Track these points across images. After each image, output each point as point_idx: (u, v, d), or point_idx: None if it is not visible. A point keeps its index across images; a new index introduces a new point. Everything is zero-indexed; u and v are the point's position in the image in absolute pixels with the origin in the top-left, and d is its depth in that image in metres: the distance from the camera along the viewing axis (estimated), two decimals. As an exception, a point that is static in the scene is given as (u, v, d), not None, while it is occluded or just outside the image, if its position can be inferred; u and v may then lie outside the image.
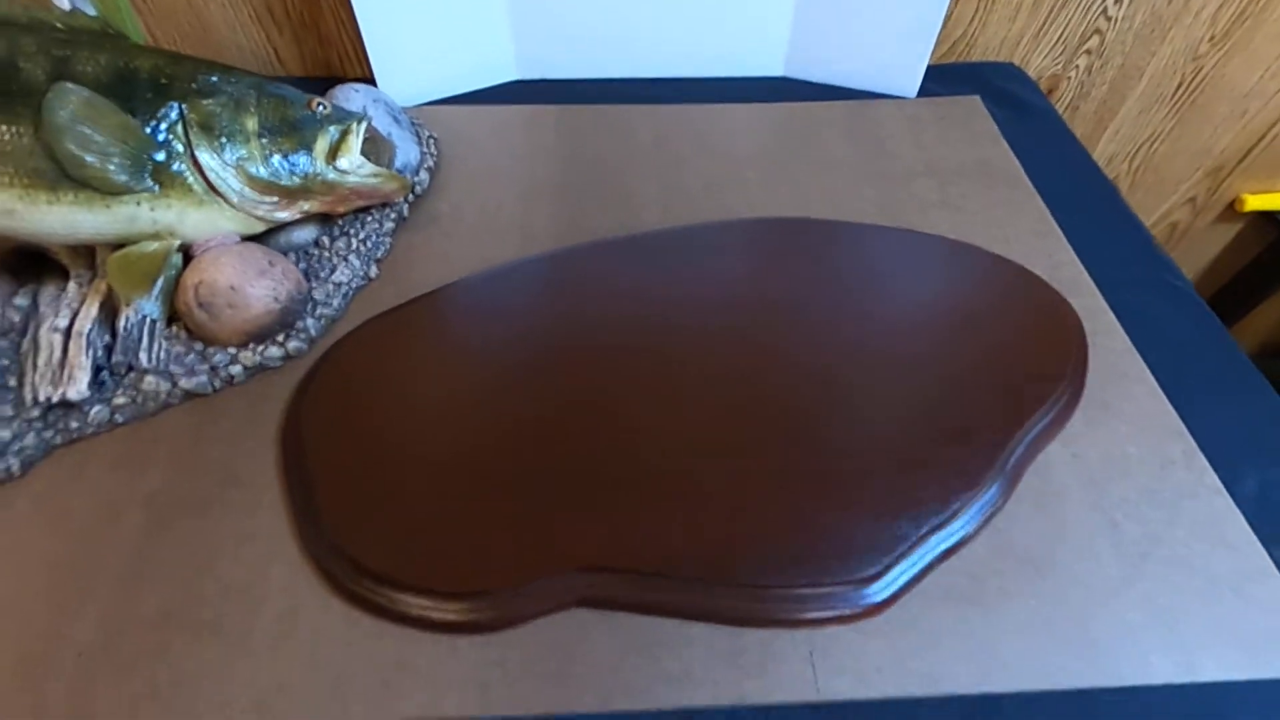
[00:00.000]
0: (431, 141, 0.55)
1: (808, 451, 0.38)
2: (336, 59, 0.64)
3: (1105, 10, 0.63)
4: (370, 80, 0.57)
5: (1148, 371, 0.43)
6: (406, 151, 0.51)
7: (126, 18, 0.44)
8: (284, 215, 0.43)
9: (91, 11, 0.41)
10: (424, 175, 0.52)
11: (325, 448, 0.38)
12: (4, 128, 0.35)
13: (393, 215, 0.50)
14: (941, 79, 0.64)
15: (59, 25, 0.38)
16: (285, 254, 0.45)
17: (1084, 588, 0.34)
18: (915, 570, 0.34)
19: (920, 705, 0.31)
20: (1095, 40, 0.65)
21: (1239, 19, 0.63)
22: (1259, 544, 0.36)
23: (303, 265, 0.45)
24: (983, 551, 0.35)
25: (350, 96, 0.50)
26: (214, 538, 0.35)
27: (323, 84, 0.54)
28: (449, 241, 0.50)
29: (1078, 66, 0.67)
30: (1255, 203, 0.79)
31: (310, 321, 0.43)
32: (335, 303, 0.44)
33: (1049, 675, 0.32)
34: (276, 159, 0.41)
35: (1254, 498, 0.37)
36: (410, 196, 0.51)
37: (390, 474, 0.37)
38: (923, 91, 0.63)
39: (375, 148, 0.47)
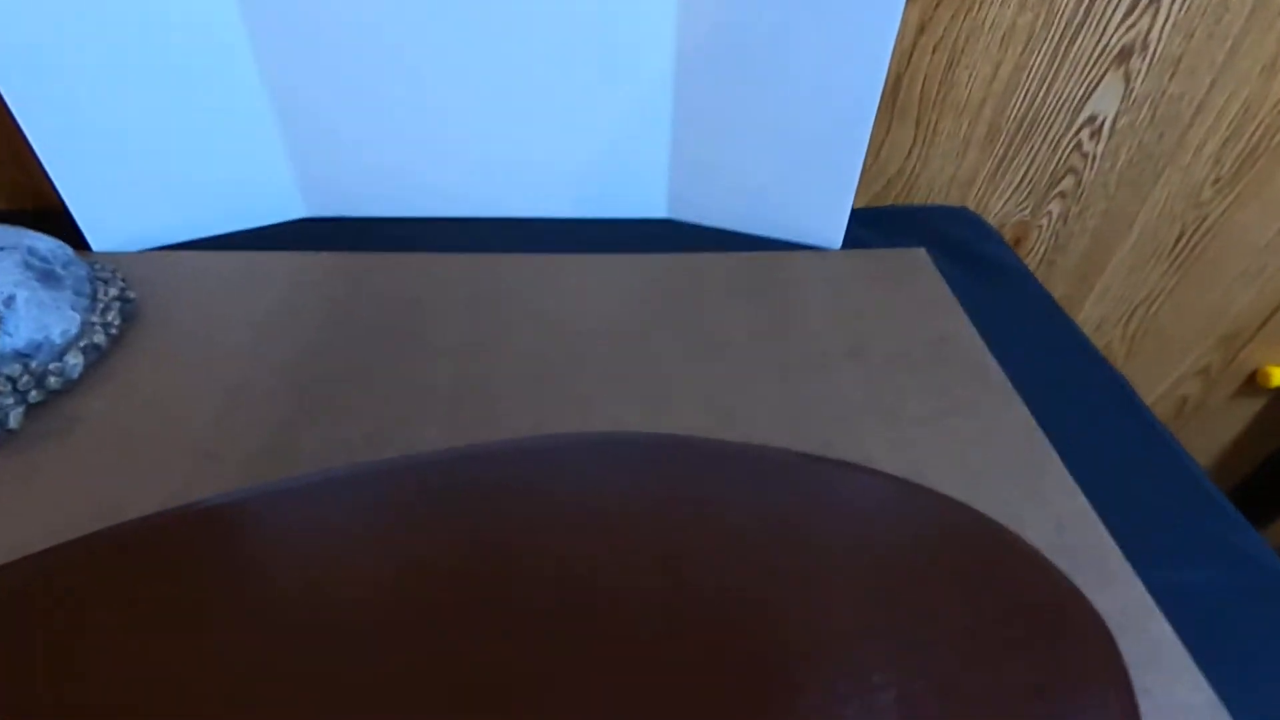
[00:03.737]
0: (117, 306, 0.37)
1: None
2: (50, 189, 0.47)
3: (1079, 145, 0.48)
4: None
5: (1224, 712, 0.23)
6: (46, 324, 0.33)
7: None
8: None
9: None
10: (73, 360, 0.34)
11: None
12: None
13: (-21, 428, 0.30)
14: (875, 225, 0.49)
15: None
16: None
17: None
18: None
19: None
20: (1069, 181, 0.50)
21: (1248, 158, 0.50)
22: None
23: None
24: None
25: (-40, 242, 0.33)
26: None
27: (28, 218, 0.37)
28: (66, 472, 0.30)
29: (1050, 213, 0.52)
30: (1283, 377, 0.63)
31: None
32: None
33: None
34: None
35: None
36: (33, 394, 0.32)
37: None
38: (851, 240, 0.47)
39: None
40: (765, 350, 0.38)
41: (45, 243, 0.36)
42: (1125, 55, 0.44)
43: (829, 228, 0.46)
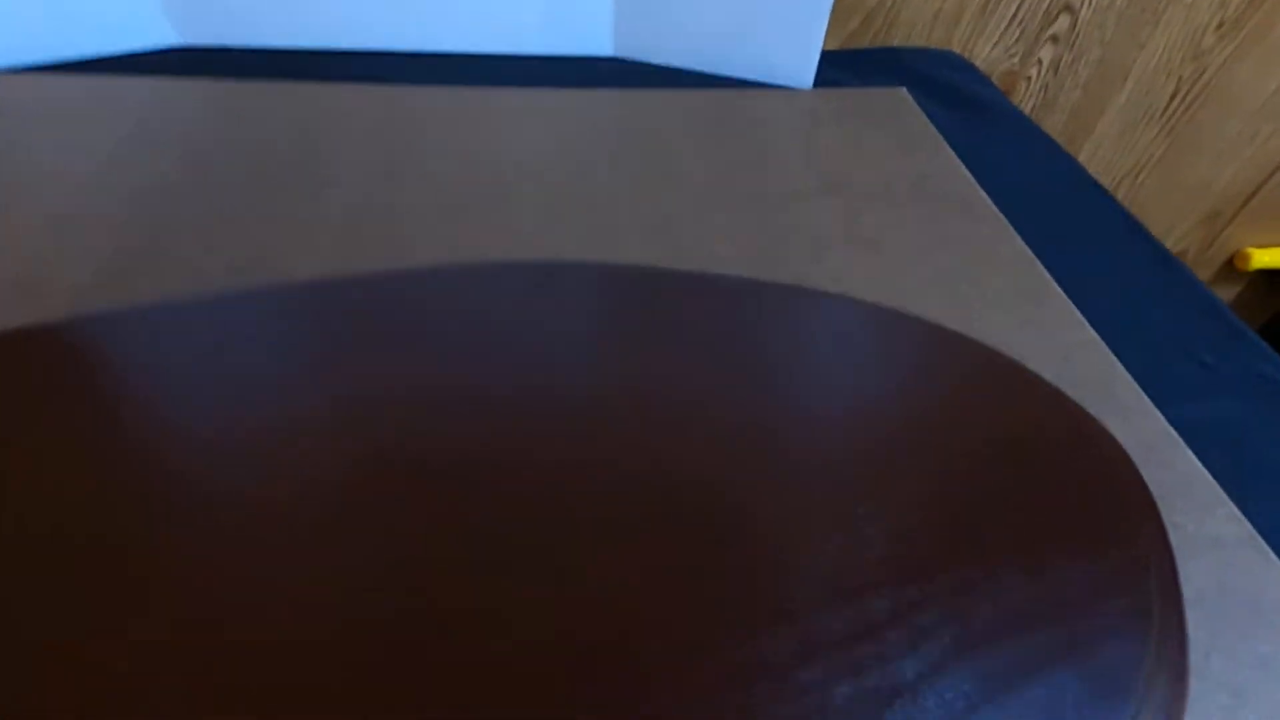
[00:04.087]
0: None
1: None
2: None
3: (1078, -27, 0.43)
4: None
5: (1262, 544, 0.20)
6: None
7: None
8: None
9: None
10: None
11: None
12: None
13: None
14: (850, 67, 0.43)
15: None
16: None
17: None
18: None
19: None
20: (1064, 21, 0.45)
21: (1255, 1, 0.45)
22: None
23: None
24: None
25: None
26: None
27: None
28: None
29: (1040, 61, 0.47)
30: (1264, 259, 0.60)
31: None
32: None
33: None
34: None
35: None
36: None
37: None
38: (823, 83, 0.41)
39: None
40: (727, 185, 0.33)
41: None
42: None
43: (798, 65, 0.40)
